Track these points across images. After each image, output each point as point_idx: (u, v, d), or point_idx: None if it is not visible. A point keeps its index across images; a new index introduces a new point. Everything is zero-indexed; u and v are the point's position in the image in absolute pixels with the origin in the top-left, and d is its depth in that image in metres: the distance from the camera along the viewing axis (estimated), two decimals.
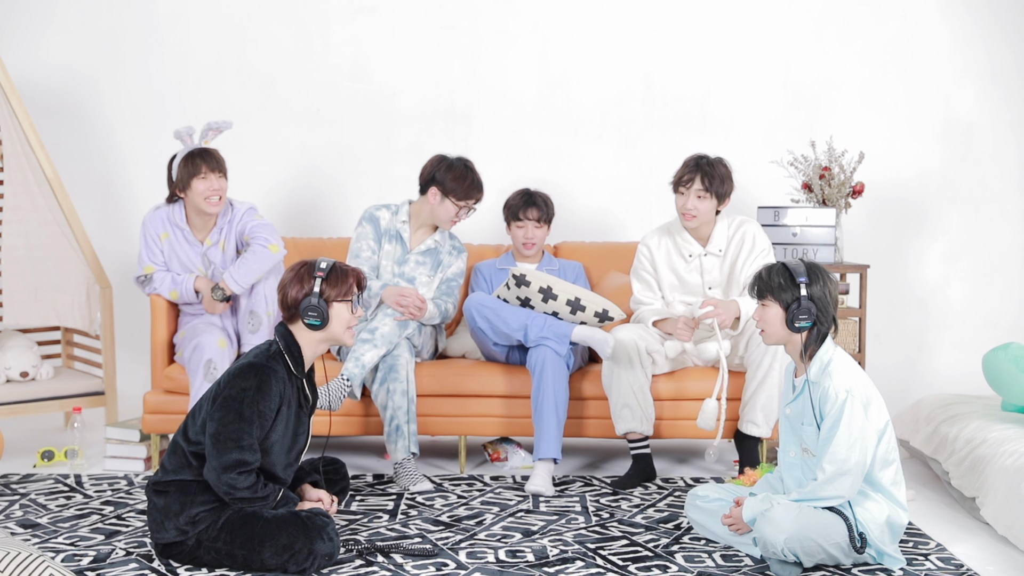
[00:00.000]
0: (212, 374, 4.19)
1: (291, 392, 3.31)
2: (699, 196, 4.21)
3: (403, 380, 4.18)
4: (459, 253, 4.65)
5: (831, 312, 3.28)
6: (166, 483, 3.25)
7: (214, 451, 3.17)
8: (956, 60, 5.83)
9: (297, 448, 3.39)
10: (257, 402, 3.20)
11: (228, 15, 5.79)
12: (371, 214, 4.58)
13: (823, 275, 3.29)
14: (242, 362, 3.28)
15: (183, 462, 3.26)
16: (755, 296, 3.35)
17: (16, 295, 4.86)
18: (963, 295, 5.91)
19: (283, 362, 3.30)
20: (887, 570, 3.29)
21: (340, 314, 3.33)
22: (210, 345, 4.23)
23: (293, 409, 3.32)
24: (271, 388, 3.22)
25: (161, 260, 4.50)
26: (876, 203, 5.68)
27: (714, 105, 5.83)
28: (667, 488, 4.19)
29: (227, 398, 3.20)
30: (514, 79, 5.82)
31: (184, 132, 4.42)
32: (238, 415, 3.18)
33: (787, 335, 3.31)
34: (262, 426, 3.21)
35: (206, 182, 4.36)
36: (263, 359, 3.26)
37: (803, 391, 3.32)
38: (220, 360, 4.21)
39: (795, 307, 3.25)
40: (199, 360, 4.21)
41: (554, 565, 3.33)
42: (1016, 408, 4.10)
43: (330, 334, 3.34)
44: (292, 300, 3.31)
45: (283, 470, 3.35)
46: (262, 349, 3.32)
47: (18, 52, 5.62)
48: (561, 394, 4.19)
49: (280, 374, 3.26)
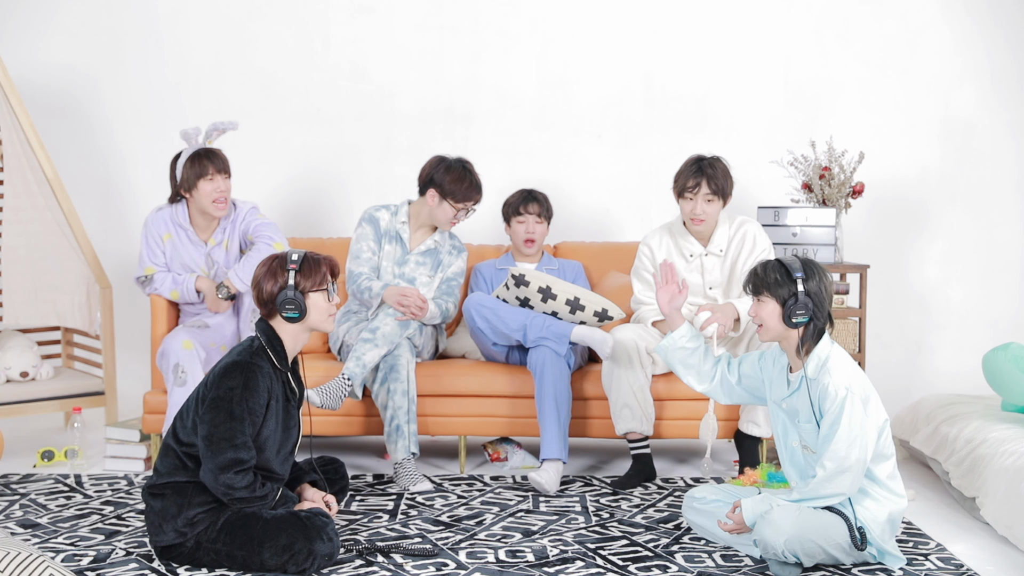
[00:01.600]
0: (180, 377, 4.19)
1: (277, 386, 3.31)
2: (708, 200, 4.20)
3: (404, 380, 4.18)
4: (459, 253, 4.64)
5: (827, 308, 3.28)
6: (161, 486, 3.25)
7: (208, 453, 3.17)
8: (956, 60, 5.83)
9: (291, 442, 3.39)
10: (246, 399, 3.20)
11: (228, 15, 5.79)
12: (371, 215, 4.58)
13: (819, 271, 3.29)
14: (226, 361, 3.27)
15: (177, 464, 3.25)
16: (751, 292, 3.35)
17: (16, 295, 4.86)
18: (963, 295, 5.91)
19: (267, 357, 3.30)
20: (887, 570, 3.29)
21: (317, 303, 3.34)
22: (175, 349, 4.22)
23: (281, 403, 3.33)
24: (258, 384, 3.23)
25: (162, 261, 4.50)
26: (876, 203, 5.68)
27: (714, 105, 5.83)
28: (667, 488, 4.19)
29: (215, 398, 3.20)
30: (514, 79, 5.82)
31: (192, 133, 4.41)
32: (228, 414, 3.18)
33: (784, 331, 3.30)
34: (253, 423, 3.22)
35: (212, 183, 4.36)
36: (247, 356, 3.26)
37: (800, 387, 3.31)
38: (187, 362, 4.20)
39: (792, 302, 3.25)
40: (167, 366, 4.22)
41: (554, 565, 3.33)
42: (1016, 408, 4.10)
43: (309, 324, 3.36)
44: (268, 295, 3.31)
45: (279, 465, 3.35)
46: (244, 346, 3.32)
47: (18, 52, 5.62)
48: (562, 394, 4.19)
49: (265, 369, 3.27)
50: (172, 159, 4.46)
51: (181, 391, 4.17)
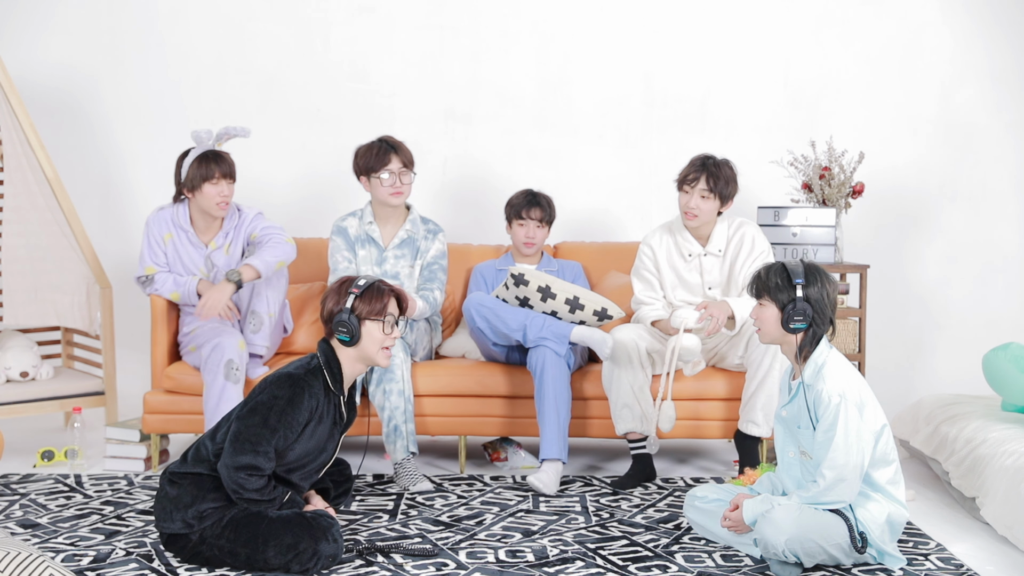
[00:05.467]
0: (234, 375, 4.18)
1: (326, 408, 3.32)
2: (703, 196, 4.21)
3: (399, 380, 4.18)
4: (435, 235, 4.60)
5: (828, 314, 3.28)
6: (182, 474, 3.27)
7: (230, 449, 3.19)
8: (956, 60, 5.83)
9: (320, 461, 3.40)
10: (285, 412, 3.21)
11: (228, 15, 5.79)
12: (338, 226, 4.58)
13: (822, 277, 3.28)
14: (282, 371, 3.30)
15: (203, 458, 3.29)
16: (753, 294, 3.35)
17: (16, 295, 4.86)
18: (963, 295, 5.91)
19: (322, 377, 3.31)
20: (887, 570, 3.29)
21: (371, 332, 3.33)
22: (231, 346, 4.20)
23: (326, 425, 3.34)
24: (302, 402, 3.24)
25: (163, 261, 4.49)
26: (876, 203, 5.68)
27: (714, 105, 5.83)
28: (667, 488, 4.19)
29: (258, 403, 3.24)
30: (514, 79, 5.82)
31: (204, 135, 4.39)
32: (263, 420, 3.20)
33: (782, 335, 3.31)
34: (286, 436, 3.23)
35: (217, 187, 4.36)
36: (302, 372, 3.29)
37: (798, 393, 3.32)
38: (240, 361, 4.20)
39: (791, 308, 3.25)
40: (219, 360, 4.18)
41: (554, 565, 3.33)
42: (1016, 408, 4.09)
43: (363, 352, 3.35)
44: (328, 313, 3.34)
45: (301, 479, 3.37)
46: (304, 362, 3.34)
47: (18, 52, 5.62)
48: (562, 395, 4.19)
49: (315, 389, 3.28)
50: (179, 156, 4.44)
51: (235, 388, 4.17)
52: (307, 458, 3.33)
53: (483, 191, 5.72)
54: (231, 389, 4.17)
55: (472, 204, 5.76)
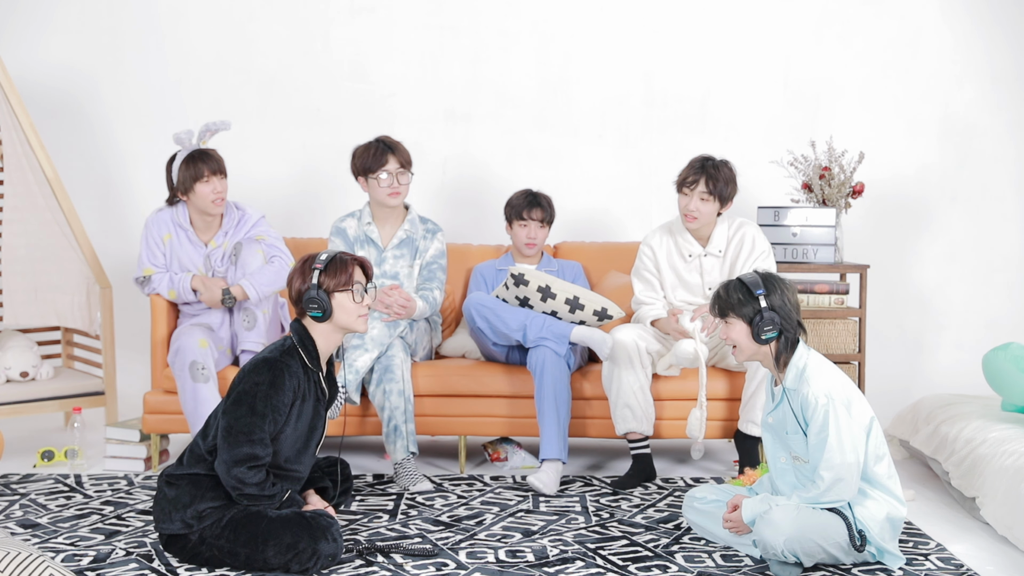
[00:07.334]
0: (202, 375, 4.19)
1: (307, 386, 3.34)
2: (702, 198, 4.21)
3: (399, 380, 4.18)
4: (433, 235, 4.59)
5: (795, 318, 3.29)
6: (179, 476, 3.28)
7: (225, 445, 3.20)
8: (956, 60, 5.83)
9: (314, 440, 3.41)
10: (270, 396, 3.22)
11: (228, 15, 5.79)
12: (337, 227, 4.58)
13: (780, 284, 3.30)
14: (257, 358, 3.32)
15: (199, 458, 3.29)
16: (717, 315, 3.35)
17: (16, 295, 4.86)
18: (963, 295, 5.91)
19: (298, 357, 3.32)
20: (887, 569, 3.30)
21: (343, 304, 3.35)
22: (191, 347, 4.21)
23: (309, 403, 3.35)
24: (284, 383, 3.25)
25: (162, 262, 4.49)
26: (876, 203, 5.68)
27: (714, 105, 5.83)
28: (667, 488, 4.19)
29: (241, 392, 3.24)
30: (514, 79, 5.82)
31: (184, 136, 4.41)
32: (251, 409, 3.21)
33: (756, 349, 3.31)
34: (275, 420, 3.24)
35: (209, 185, 4.36)
36: (277, 354, 3.30)
37: (782, 400, 3.33)
38: (205, 360, 4.21)
39: (758, 320, 3.25)
40: (183, 363, 4.21)
41: (554, 565, 3.33)
42: (1016, 408, 4.09)
43: (338, 324, 3.37)
44: (296, 293, 3.36)
45: (293, 462, 3.36)
46: (277, 344, 3.36)
47: (18, 52, 5.62)
48: (562, 395, 4.19)
49: (294, 368, 3.29)
50: (167, 162, 4.46)
51: (206, 387, 4.18)
52: (300, 442, 3.34)
53: (483, 191, 5.73)
54: (203, 389, 4.18)
55: (472, 204, 5.76)
